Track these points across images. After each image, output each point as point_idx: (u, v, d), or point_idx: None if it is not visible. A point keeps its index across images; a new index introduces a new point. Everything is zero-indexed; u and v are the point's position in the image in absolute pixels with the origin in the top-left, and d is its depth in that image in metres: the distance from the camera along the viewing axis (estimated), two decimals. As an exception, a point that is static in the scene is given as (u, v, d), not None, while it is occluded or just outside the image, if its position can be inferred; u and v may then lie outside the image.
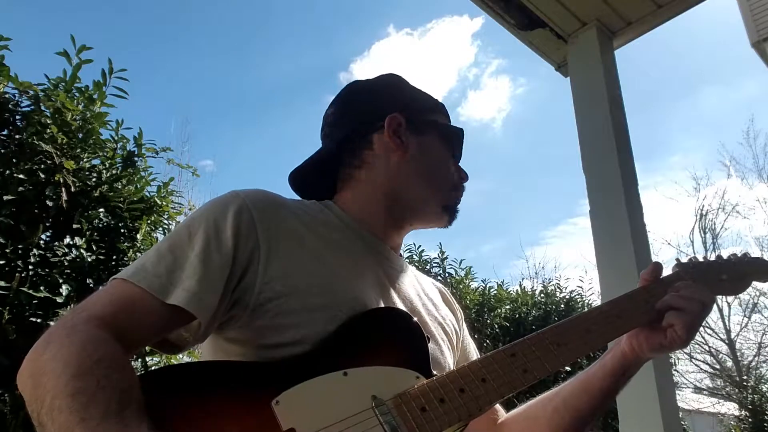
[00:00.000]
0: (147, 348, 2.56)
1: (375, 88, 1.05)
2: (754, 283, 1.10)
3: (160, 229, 3.14)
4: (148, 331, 0.72)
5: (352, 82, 1.09)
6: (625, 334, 0.92)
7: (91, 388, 0.60)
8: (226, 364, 0.76)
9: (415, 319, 0.86)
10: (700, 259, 1.07)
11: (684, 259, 1.06)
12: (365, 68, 21.81)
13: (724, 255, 1.09)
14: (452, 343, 1.00)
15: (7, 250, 2.36)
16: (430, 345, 0.87)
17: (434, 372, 0.81)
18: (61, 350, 0.63)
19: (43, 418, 0.59)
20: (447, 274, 6.16)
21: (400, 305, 0.91)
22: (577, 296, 7.07)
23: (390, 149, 0.98)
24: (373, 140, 0.99)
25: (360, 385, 0.73)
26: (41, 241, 2.53)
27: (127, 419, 0.59)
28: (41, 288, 2.36)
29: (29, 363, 0.65)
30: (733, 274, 1.05)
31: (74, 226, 2.63)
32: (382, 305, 0.86)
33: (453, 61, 24.98)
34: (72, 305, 2.36)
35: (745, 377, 14.87)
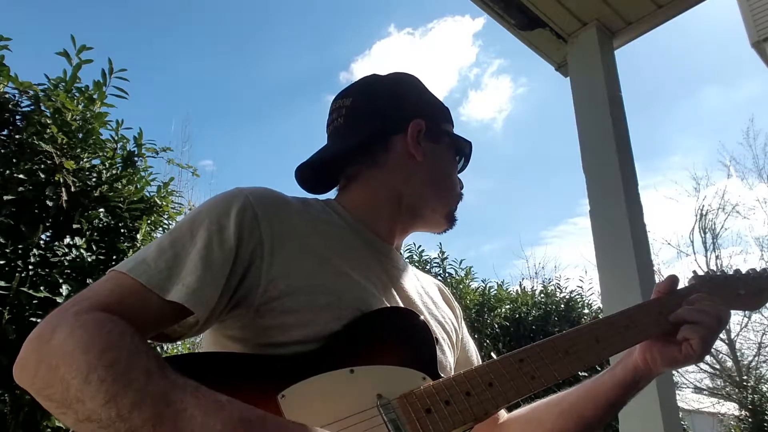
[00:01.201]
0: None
1: (398, 89, 1.04)
2: None
3: (160, 229, 3.13)
4: (146, 324, 0.71)
5: (371, 75, 1.07)
6: (637, 347, 0.91)
7: (126, 357, 0.61)
8: (234, 356, 0.76)
9: (422, 318, 0.86)
10: (717, 272, 1.05)
11: (699, 271, 1.05)
12: (366, 68, 21.88)
13: (743, 270, 1.07)
14: (452, 342, 1.00)
15: (7, 250, 2.36)
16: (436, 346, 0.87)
17: (438, 373, 0.81)
18: (76, 332, 0.63)
19: (76, 394, 0.59)
20: (447, 274, 6.17)
21: (402, 305, 0.90)
22: (577, 296, 7.07)
23: (407, 154, 0.98)
24: (391, 142, 0.99)
25: (365, 384, 0.73)
26: (41, 241, 2.53)
27: (171, 376, 0.61)
28: (41, 288, 2.36)
29: (35, 350, 0.64)
30: (750, 289, 1.03)
31: (74, 226, 2.63)
32: (386, 305, 0.86)
33: (454, 61, 25.02)
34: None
35: (745, 377, 14.87)
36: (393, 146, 0.99)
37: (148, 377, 0.60)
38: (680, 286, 1.00)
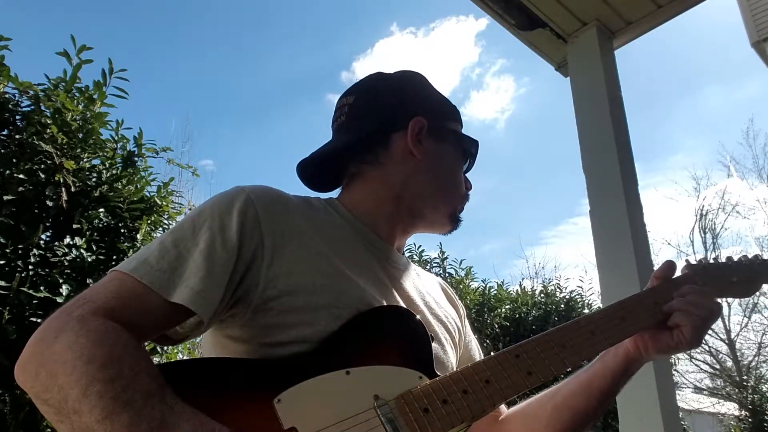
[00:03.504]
0: (149, 346, 2.56)
1: (401, 86, 1.03)
2: (765, 286, 1.07)
3: (160, 229, 3.13)
4: (149, 326, 0.71)
5: (376, 73, 1.06)
6: None
7: (127, 373, 0.61)
8: (229, 361, 0.76)
9: (419, 317, 0.86)
10: (711, 260, 1.05)
11: (693, 261, 1.05)
12: (368, 67, 21.85)
13: (735, 257, 1.07)
14: (454, 341, 0.99)
15: (7, 250, 2.36)
16: (434, 345, 0.87)
17: (438, 372, 0.81)
18: (79, 339, 0.62)
19: (73, 405, 0.59)
20: (447, 274, 6.17)
21: (402, 305, 0.90)
22: (577, 296, 7.07)
23: (407, 152, 0.97)
24: (392, 140, 0.98)
25: (362, 385, 0.72)
26: (41, 241, 2.53)
27: (170, 401, 0.61)
28: (41, 288, 2.36)
29: (37, 353, 0.64)
30: (743, 276, 1.03)
31: (74, 226, 2.63)
32: (384, 304, 0.86)
33: (456, 61, 24.94)
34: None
35: (745, 377, 14.85)
36: (393, 144, 0.97)
37: (147, 398, 0.60)
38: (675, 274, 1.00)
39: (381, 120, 0.98)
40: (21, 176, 2.51)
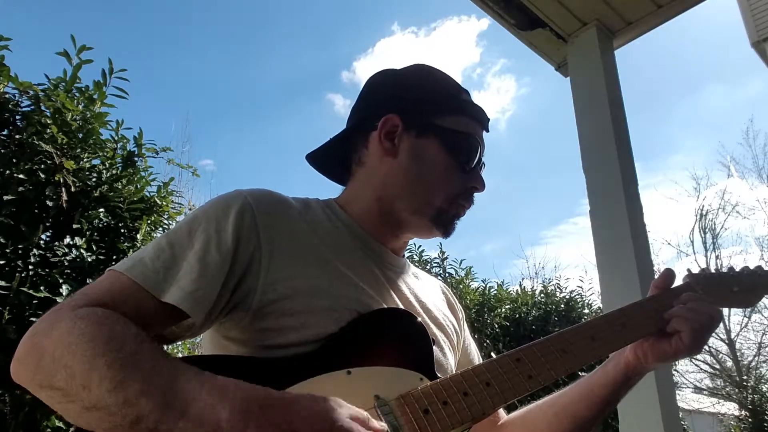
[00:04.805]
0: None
1: (387, 82, 1.01)
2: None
3: (160, 229, 3.13)
4: (144, 325, 0.70)
5: (380, 70, 1.04)
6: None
7: (132, 343, 0.62)
8: (231, 358, 0.77)
9: (420, 319, 0.86)
10: (712, 270, 1.06)
11: (694, 269, 1.05)
12: (369, 66, 21.80)
13: (737, 267, 1.07)
14: (452, 344, 0.99)
15: (7, 250, 2.35)
16: (434, 347, 0.87)
17: (438, 374, 0.81)
18: (77, 324, 0.63)
19: (81, 381, 0.59)
20: (447, 274, 6.16)
21: (402, 307, 0.90)
22: (577, 296, 7.05)
23: (382, 151, 0.94)
24: (369, 140, 0.96)
25: (363, 385, 0.73)
26: (41, 241, 2.52)
27: (176, 364, 0.63)
28: (41, 288, 2.35)
29: (35, 344, 0.64)
30: (745, 286, 1.03)
31: (74, 226, 2.63)
32: (384, 307, 0.86)
33: (458, 61, 24.85)
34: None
35: (745, 377, 14.85)
36: (370, 144, 0.96)
37: (154, 364, 0.61)
38: (676, 283, 1.01)
39: (357, 119, 0.99)
40: (21, 176, 2.51)
